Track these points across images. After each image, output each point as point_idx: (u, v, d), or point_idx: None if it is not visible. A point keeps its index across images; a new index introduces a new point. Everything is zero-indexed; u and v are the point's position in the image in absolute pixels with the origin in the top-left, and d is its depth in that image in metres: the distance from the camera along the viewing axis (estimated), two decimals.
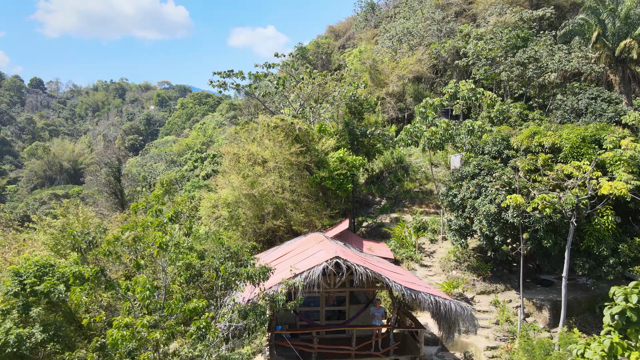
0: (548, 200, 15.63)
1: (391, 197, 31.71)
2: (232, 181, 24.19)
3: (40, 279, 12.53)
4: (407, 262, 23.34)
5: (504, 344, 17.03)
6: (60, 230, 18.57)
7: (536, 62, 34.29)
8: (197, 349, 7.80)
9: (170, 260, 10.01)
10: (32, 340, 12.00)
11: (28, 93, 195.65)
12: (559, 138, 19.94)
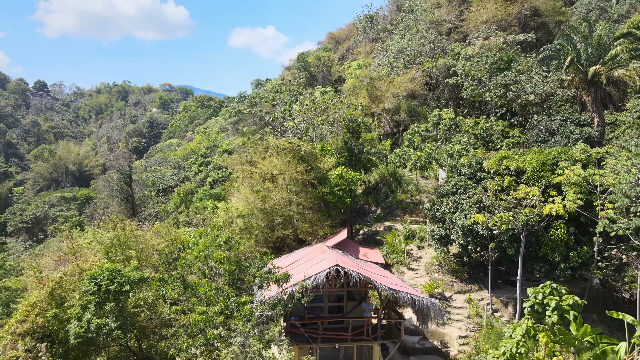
0: (504, 219, 19.68)
1: (385, 206, 35.76)
2: (247, 196, 28.19)
3: (112, 281, 16.55)
4: (397, 266, 27.40)
5: (472, 333, 21.08)
6: (111, 241, 22.45)
7: (516, 85, 38.34)
8: (247, 327, 11.69)
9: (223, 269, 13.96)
10: (106, 328, 16.09)
11: (32, 96, 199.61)
12: (523, 162, 23.98)
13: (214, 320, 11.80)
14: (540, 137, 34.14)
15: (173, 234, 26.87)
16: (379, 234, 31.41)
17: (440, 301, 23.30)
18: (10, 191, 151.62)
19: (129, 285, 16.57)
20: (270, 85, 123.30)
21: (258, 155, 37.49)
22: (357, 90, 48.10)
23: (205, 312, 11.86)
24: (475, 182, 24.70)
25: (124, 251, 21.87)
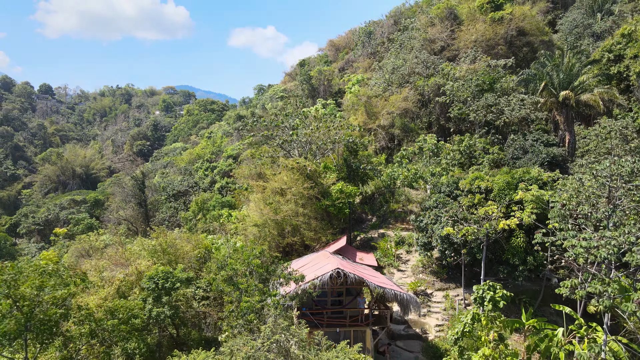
0: (470, 231, 24.93)
1: (380, 215, 41.02)
2: (261, 208, 33.40)
3: (166, 280, 21.78)
4: (388, 267, 32.67)
5: (446, 322, 26.33)
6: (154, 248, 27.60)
7: (496, 107, 43.58)
8: (277, 311, 16.81)
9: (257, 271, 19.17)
10: (162, 315, 21.35)
11: (38, 99, 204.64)
12: (492, 182, 29.25)
13: (254, 307, 16.96)
14: (515, 155, 39.38)
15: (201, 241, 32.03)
16: (374, 240, 36.68)
17: (422, 297, 28.60)
18: (19, 193, 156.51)
19: (179, 284, 21.83)
20: (272, 92, 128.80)
21: (267, 168, 42.89)
22: (356, 107, 53.31)
23: (249, 301, 17.03)
24: (452, 199, 29.98)
25: (165, 256, 27.06)
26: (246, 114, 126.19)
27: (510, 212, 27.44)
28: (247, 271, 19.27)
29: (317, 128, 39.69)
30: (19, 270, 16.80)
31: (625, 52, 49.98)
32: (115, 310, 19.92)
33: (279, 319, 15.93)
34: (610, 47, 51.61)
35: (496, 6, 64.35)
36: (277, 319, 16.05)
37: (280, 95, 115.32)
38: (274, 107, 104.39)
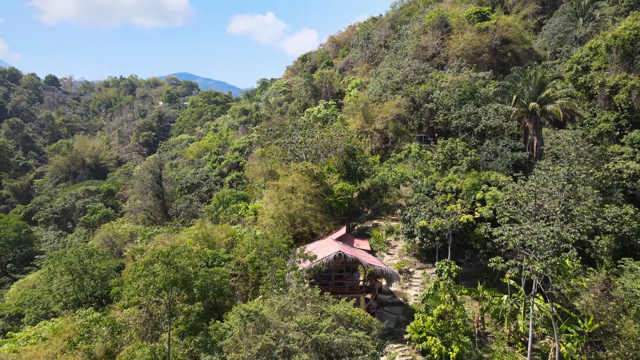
0: (438, 223, 33.04)
1: (374, 208, 49.10)
2: (276, 203, 41.44)
3: (214, 259, 29.90)
4: (380, 251, 40.89)
5: (422, 292, 34.53)
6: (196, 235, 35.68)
7: (475, 115, 51.36)
8: (299, 278, 24.76)
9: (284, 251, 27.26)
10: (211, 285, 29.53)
11: (45, 90, 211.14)
12: (461, 184, 37.28)
13: (283, 276, 25.00)
14: (488, 158, 47.29)
15: (230, 231, 40.12)
16: (368, 229, 44.85)
17: (405, 274, 36.90)
18: (32, 183, 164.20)
19: (223, 262, 29.99)
20: (275, 86, 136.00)
21: (277, 166, 50.95)
22: (355, 111, 61.03)
23: (280, 272, 25.09)
24: (430, 197, 38.04)
25: (204, 242, 35.15)
26: (251, 108, 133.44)
27: (474, 208, 35.55)
28: (276, 252, 27.32)
29: (321, 137, 47.48)
30: (173, 250, 24.05)
31: (591, 64, 57.54)
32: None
33: (300, 284, 24.09)
34: (579, 59, 59.13)
35: (482, 17, 71.71)
36: (298, 284, 24.21)
37: (282, 90, 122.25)
38: (277, 102, 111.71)
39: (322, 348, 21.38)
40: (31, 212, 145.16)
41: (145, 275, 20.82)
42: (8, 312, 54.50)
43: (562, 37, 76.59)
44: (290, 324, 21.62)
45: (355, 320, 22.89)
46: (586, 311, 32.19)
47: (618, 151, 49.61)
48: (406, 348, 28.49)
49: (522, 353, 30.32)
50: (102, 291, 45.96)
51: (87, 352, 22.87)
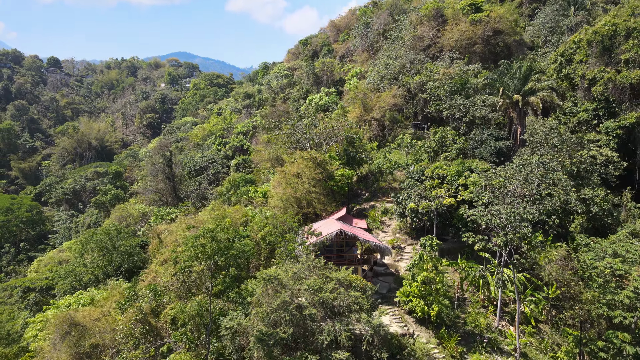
0: (425, 205, 38.72)
1: (371, 191, 54.76)
2: (284, 187, 47.04)
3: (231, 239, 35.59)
4: (376, 230, 46.72)
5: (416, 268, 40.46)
6: (216, 216, 41.31)
7: (464, 106, 56.53)
8: (307, 251, 30.40)
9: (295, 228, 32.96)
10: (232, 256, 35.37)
11: (47, 72, 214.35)
12: (447, 170, 42.83)
13: (294, 249, 30.71)
14: (474, 146, 52.70)
15: (244, 212, 45.81)
16: (366, 210, 50.61)
17: (397, 249, 42.80)
18: (39, 165, 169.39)
19: (242, 238, 35.73)
20: (277, 70, 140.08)
21: (283, 152, 56.41)
22: (354, 100, 66.09)
23: (292, 246, 30.80)
24: (420, 182, 43.64)
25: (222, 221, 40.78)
26: (253, 92, 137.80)
27: (458, 192, 41.20)
28: (288, 229, 33.02)
29: (324, 127, 52.74)
30: (217, 226, 29.42)
31: (574, 56, 62.36)
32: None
33: (309, 256, 29.92)
34: (563, 52, 63.93)
35: (476, 8, 75.95)
36: (307, 256, 30.04)
37: (284, 74, 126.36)
38: (279, 86, 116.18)
39: (327, 305, 27.29)
40: (40, 193, 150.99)
41: (195, 246, 26.52)
42: (39, 285, 60.65)
43: (553, 27, 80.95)
44: (301, 286, 27.49)
45: (353, 284, 28.78)
46: (551, 280, 38.11)
47: (594, 139, 55.08)
48: (395, 309, 34.51)
49: (493, 313, 36.40)
50: (128, 265, 52.00)
51: (139, 308, 28.80)
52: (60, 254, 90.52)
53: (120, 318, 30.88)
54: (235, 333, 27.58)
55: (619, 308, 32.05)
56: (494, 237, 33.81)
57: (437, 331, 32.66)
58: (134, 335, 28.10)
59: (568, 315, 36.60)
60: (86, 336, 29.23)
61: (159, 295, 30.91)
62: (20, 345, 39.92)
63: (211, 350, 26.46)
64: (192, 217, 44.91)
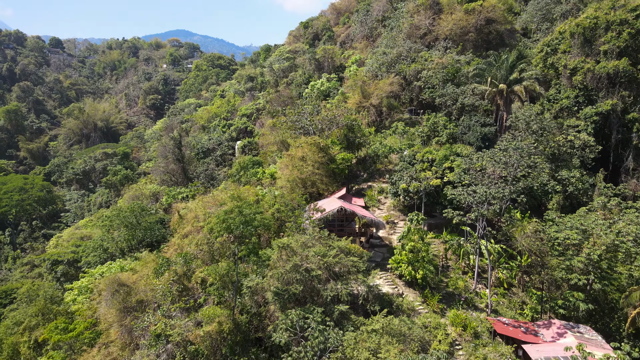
0: (415, 186, 44.72)
1: (369, 172, 60.68)
2: (291, 170, 52.92)
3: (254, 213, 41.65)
4: (372, 207, 52.86)
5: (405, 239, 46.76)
6: (232, 195, 47.23)
7: (455, 94, 61.94)
8: (313, 224, 36.43)
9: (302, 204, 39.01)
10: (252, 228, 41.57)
11: (50, 53, 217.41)
12: (435, 155, 48.66)
13: (302, 223, 36.76)
14: (463, 131, 58.34)
15: (256, 191, 51.76)
16: (364, 190, 56.66)
17: (391, 224, 48.99)
18: (47, 145, 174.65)
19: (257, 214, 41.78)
20: (278, 52, 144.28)
21: (288, 137, 62.16)
22: (354, 88, 71.38)
23: (300, 220, 36.84)
24: (412, 165, 49.52)
25: (239, 199, 46.76)
26: (256, 74, 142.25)
27: (445, 174, 47.12)
28: (297, 206, 39.06)
29: (326, 115, 58.27)
30: (244, 202, 35.23)
31: (559, 47, 67.42)
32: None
33: (314, 229, 36.06)
34: (549, 42, 68.93)
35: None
36: (313, 228, 36.18)
37: (286, 57, 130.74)
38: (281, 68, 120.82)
39: (330, 268, 33.55)
40: (49, 173, 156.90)
41: (227, 219, 32.58)
42: (66, 258, 67.12)
43: (545, 14, 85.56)
44: (309, 253, 33.69)
45: (351, 251, 35.00)
46: (524, 250, 44.36)
47: (574, 124, 60.77)
48: (388, 274, 40.87)
49: (471, 278, 42.79)
50: (150, 239, 58.31)
51: (174, 271, 35.07)
52: (77, 230, 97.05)
53: (156, 281, 37.18)
54: (254, 292, 33.88)
55: (575, 272, 38.33)
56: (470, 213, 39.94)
57: (422, 292, 39.05)
58: (172, 293, 34.40)
59: (536, 279, 43.01)
60: (131, 294, 35.59)
61: (189, 262, 37.07)
62: (64, 307, 46.34)
63: (236, 305, 32.74)
64: (211, 196, 50.91)
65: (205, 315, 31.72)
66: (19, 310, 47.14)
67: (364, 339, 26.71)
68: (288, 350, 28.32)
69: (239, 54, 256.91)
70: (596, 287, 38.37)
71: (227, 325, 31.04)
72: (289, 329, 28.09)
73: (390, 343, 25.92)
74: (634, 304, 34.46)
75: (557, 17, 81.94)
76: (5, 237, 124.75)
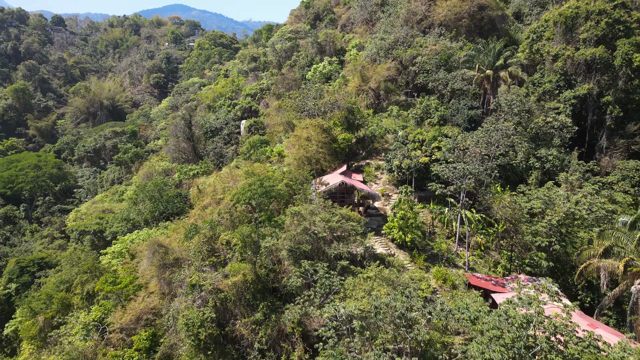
0: (406, 163, 51.95)
1: (367, 151, 67.78)
2: (297, 149, 59.99)
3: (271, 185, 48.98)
4: (370, 182, 60.21)
5: (396, 208, 54.27)
6: (247, 171, 54.43)
7: (446, 79, 68.49)
8: (319, 196, 43.62)
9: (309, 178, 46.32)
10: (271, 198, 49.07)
11: (53, 31, 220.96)
12: (425, 135, 55.72)
13: (309, 194, 44.03)
14: (452, 114, 65.14)
15: (266, 168, 58.92)
16: (362, 167, 63.90)
17: (386, 197, 56.42)
18: (55, 123, 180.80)
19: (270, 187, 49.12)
20: (280, 32, 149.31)
21: (293, 118, 69.12)
22: (353, 72, 77.76)
23: (309, 192, 44.07)
24: (404, 145, 56.62)
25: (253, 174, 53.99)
26: (259, 54, 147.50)
27: (433, 153, 54.25)
28: (304, 180, 46.34)
29: (329, 99, 64.95)
30: (263, 177, 42.49)
31: (544, 34, 73.53)
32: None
33: (320, 199, 43.46)
34: (535, 29, 74.98)
35: None
36: (319, 199, 43.58)
37: (287, 37, 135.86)
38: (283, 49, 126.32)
39: (333, 231, 41.06)
40: (59, 150, 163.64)
41: (250, 190, 39.92)
42: (93, 228, 74.89)
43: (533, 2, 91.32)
44: (316, 218, 41.14)
45: (351, 217, 42.48)
46: (500, 218, 51.83)
47: (554, 107, 67.56)
48: (382, 238, 48.46)
49: (453, 242, 50.43)
50: (171, 210, 65.85)
51: (203, 234, 42.62)
52: (94, 205, 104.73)
53: (187, 244, 44.79)
54: (270, 251, 41.50)
55: (540, 236, 45.91)
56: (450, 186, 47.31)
57: (410, 252, 46.72)
58: (202, 252, 41.97)
59: (509, 242, 50.65)
60: (168, 253, 43.18)
61: (214, 227, 44.51)
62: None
63: (256, 261, 40.35)
64: (227, 172, 58.16)
65: (232, 269, 39.39)
66: (64, 271, 54.91)
67: (360, 283, 34.39)
68: (299, 295, 36.05)
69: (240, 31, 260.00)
70: (556, 248, 46.04)
71: (250, 276, 38.74)
72: (302, 275, 35.77)
73: (381, 285, 33.58)
74: (584, 261, 42.10)
75: (549, 1, 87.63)
76: (20, 212, 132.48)
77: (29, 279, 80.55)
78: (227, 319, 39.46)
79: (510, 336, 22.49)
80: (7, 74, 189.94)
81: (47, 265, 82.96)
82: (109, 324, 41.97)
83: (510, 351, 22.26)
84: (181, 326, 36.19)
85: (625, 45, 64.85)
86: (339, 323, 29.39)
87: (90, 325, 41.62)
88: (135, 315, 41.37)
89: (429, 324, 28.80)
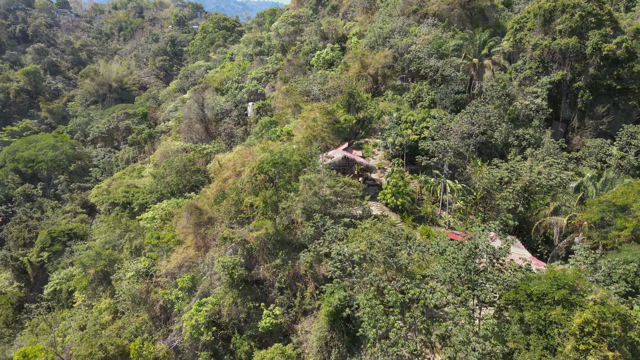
0: (399, 141, 62.29)
1: (366, 130, 78.01)
2: (305, 129, 70.22)
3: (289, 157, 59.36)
4: (368, 157, 70.64)
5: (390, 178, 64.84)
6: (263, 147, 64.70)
7: (435, 66, 78.27)
8: (324, 167, 53.80)
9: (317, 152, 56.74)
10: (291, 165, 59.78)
11: (58, 14, 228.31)
12: (416, 117, 65.96)
13: (318, 165, 54.44)
14: (441, 97, 75.12)
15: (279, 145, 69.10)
16: (362, 144, 74.25)
17: (381, 169, 66.95)
18: (66, 105, 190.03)
19: None
20: (283, 17, 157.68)
21: (300, 101, 79.33)
22: (354, 59, 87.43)
23: (317, 164, 54.48)
24: (398, 125, 66.86)
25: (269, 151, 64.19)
26: (263, 38, 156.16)
27: (422, 132, 64.53)
28: (313, 154, 56.77)
29: (332, 85, 74.82)
30: (283, 150, 53.05)
31: (526, 24, 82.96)
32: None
33: (326, 170, 53.93)
34: (518, 20, 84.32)
35: None
36: (325, 169, 54.05)
37: (290, 21, 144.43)
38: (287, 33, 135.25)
39: (337, 194, 51.63)
40: (71, 131, 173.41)
41: (271, 161, 50.34)
42: (121, 201, 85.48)
43: None
44: (323, 184, 51.66)
45: (352, 184, 53.02)
46: (478, 187, 62.33)
47: (532, 91, 77.52)
48: (378, 203, 59.07)
49: (438, 207, 61.08)
50: (194, 183, 76.36)
51: (231, 198, 53.20)
52: (115, 181, 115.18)
53: (215, 207, 55.41)
54: (286, 212, 52.13)
55: (508, 200, 56.50)
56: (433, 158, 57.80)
57: (401, 214, 57.39)
58: (231, 212, 52.60)
59: (482, 206, 61.30)
60: (202, 213, 53.85)
61: (239, 193, 55.04)
62: None
63: (276, 219, 51.01)
64: (245, 149, 68.56)
65: (256, 225, 50.11)
66: (107, 233, 65.66)
67: (359, 232, 45.14)
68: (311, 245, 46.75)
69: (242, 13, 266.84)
70: (521, 210, 56.72)
71: (271, 230, 49.49)
72: (314, 225, 46.52)
73: (376, 233, 44.30)
74: (540, 218, 52.78)
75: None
76: (37, 191, 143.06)
77: (61, 248, 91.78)
78: (252, 264, 50.35)
79: (462, 255, 33.21)
80: (17, 57, 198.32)
81: (75, 236, 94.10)
82: (155, 271, 52.91)
83: (462, 266, 33.00)
84: (219, 267, 47.04)
85: (595, 36, 74.44)
86: (343, 258, 40.20)
87: (141, 271, 52.55)
88: (177, 263, 52.24)
89: (409, 257, 39.59)
